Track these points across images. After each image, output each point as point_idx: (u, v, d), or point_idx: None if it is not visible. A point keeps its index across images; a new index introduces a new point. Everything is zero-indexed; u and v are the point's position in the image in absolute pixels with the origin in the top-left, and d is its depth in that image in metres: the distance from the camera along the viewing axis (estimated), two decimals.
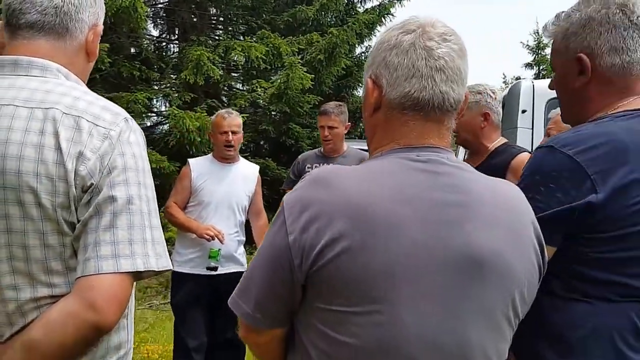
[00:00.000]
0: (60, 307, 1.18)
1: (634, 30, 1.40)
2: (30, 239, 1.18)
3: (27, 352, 1.17)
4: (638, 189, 1.28)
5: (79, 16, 1.33)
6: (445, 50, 1.15)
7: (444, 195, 1.12)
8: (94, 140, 1.19)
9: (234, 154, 3.83)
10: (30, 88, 1.23)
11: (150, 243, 1.22)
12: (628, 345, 1.31)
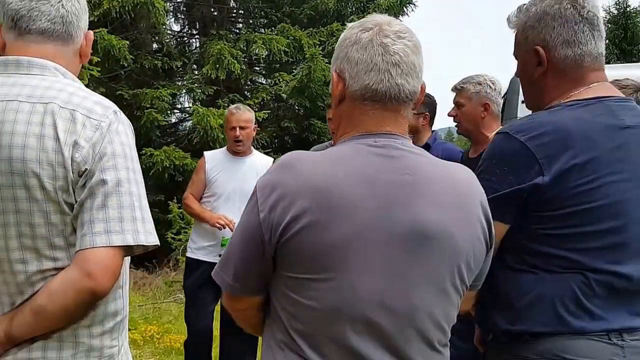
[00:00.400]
0: (61, 276, 1.35)
1: (584, 25, 1.52)
2: (35, 218, 1.34)
3: (35, 316, 1.34)
4: (579, 173, 1.41)
5: (79, 24, 1.51)
6: (400, 46, 1.28)
7: (397, 176, 1.25)
8: (87, 130, 1.36)
9: (243, 148, 3.95)
10: (32, 85, 1.39)
11: (140, 221, 1.37)
12: (569, 311, 1.44)
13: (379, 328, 1.23)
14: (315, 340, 1.25)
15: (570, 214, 1.43)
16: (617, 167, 1.44)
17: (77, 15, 1.50)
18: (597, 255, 1.43)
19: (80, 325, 1.40)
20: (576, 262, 1.44)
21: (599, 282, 1.42)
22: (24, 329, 1.35)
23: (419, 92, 1.34)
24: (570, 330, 1.43)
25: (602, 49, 1.57)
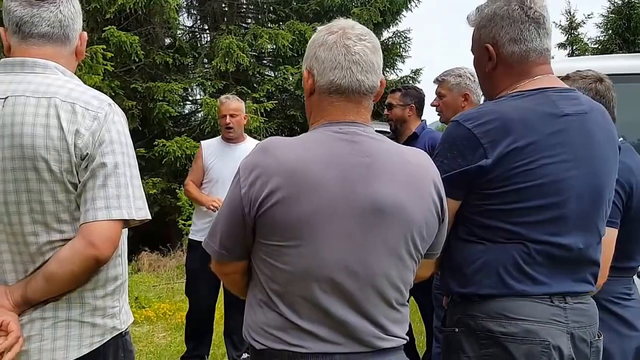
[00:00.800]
0: (69, 246, 1.54)
1: (530, 24, 1.69)
2: (44, 196, 1.53)
3: (47, 281, 1.53)
4: (518, 156, 1.59)
5: (74, 26, 1.69)
6: (360, 47, 1.48)
7: (358, 158, 1.45)
8: (87, 120, 1.55)
9: (235, 134, 4.17)
10: (36, 82, 1.57)
11: (133, 198, 1.58)
12: (511, 276, 1.63)
13: (343, 288, 1.43)
14: (289, 298, 1.45)
15: (511, 192, 1.61)
16: (556, 150, 1.61)
17: (73, 18, 1.68)
18: (536, 227, 1.62)
19: (86, 289, 1.60)
20: (517, 233, 1.63)
21: (538, 251, 1.62)
22: (37, 292, 1.55)
23: (379, 86, 1.54)
24: (513, 293, 1.63)
25: (547, 45, 1.74)
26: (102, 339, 1.63)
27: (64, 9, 1.65)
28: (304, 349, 1.44)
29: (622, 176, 2.05)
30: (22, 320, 1.56)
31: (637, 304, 2.23)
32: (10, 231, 1.55)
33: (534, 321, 1.60)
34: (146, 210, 1.63)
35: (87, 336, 1.61)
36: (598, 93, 2.18)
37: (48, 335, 1.57)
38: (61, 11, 1.65)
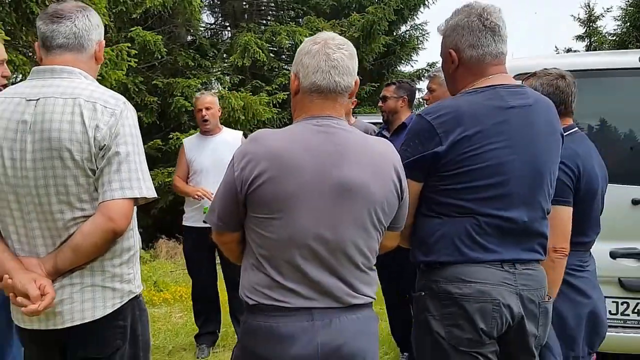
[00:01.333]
0: (90, 222, 1.81)
1: (486, 32, 1.95)
2: (68, 180, 1.80)
3: (74, 252, 1.81)
4: (467, 143, 1.85)
5: (89, 37, 1.95)
6: (338, 55, 1.76)
7: (331, 146, 1.72)
8: (105, 116, 1.82)
9: (211, 126, 4.43)
10: (63, 85, 1.85)
11: (142, 181, 1.86)
12: (465, 245, 1.89)
13: (317, 253, 1.70)
14: (274, 262, 1.73)
15: (462, 173, 1.87)
16: (500, 137, 1.86)
17: (87, 30, 1.95)
18: (484, 203, 1.87)
19: (105, 258, 1.88)
20: (468, 209, 1.89)
21: (488, 223, 1.87)
22: (66, 262, 1.83)
23: (353, 86, 1.81)
24: (468, 260, 1.88)
25: (502, 49, 1.99)
26: (122, 301, 1.93)
27: (79, 23, 1.93)
28: (288, 303, 1.71)
29: (571, 161, 2.31)
30: (56, 286, 1.84)
31: (591, 275, 2.47)
32: (40, 210, 1.82)
33: (486, 283, 1.85)
34: (153, 190, 1.92)
35: (110, 298, 1.90)
36: (559, 88, 2.41)
37: (77, 299, 1.86)
38: (75, 25, 1.93)
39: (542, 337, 1.99)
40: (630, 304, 3.41)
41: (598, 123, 3.80)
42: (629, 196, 3.39)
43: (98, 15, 2.04)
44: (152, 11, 10.02)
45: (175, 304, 6.06)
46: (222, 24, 13.03)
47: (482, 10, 1.98)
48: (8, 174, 1.81)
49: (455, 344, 1.88)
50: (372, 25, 10.34)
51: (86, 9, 2.00)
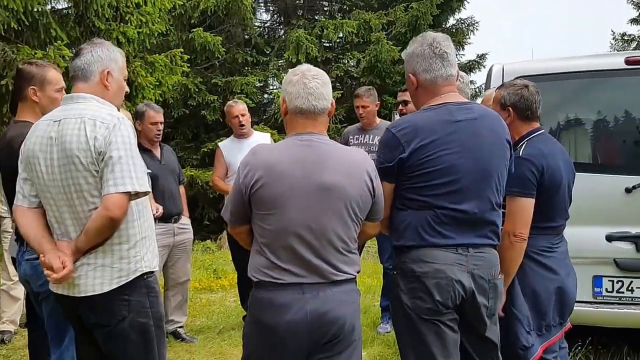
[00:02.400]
0: (96, 212, 2.23)
1: (437, 58, 2.33)
2: (81, 180, 2.23)
3: (85, 234, 2.24)
4: (424, 150, 2.25)
5: (90, 69, 2.37)
6: (314, 84, 2.19)
7: (313, 157, 2.14)
8: (101, 130, 2.22)
9: (246, 130, 4.88)
10: (77, 108, 2.30)
11: (134, 178, 2.22)
12: (426, 232, 2.29)
13: (306, 240, 2.12)
14: (272, 248, 2.16)
15: (421, 174, 2.27)
16: (451, 145, 2.27)
17: (89, 63, 2.37)
18: (441, 198, 2.28)
19: (114, 243, 2.29)
20: (428, 203, 2.29)
21: (444, 215, 2.30)
22: (82, 243, 2.25)
23: (330, 107, 2.27)
24: (428, 244, 2.31)
25: (451, 72, 2.38)
26: (127, 279, 2.31)
27: (84, 58, 2.40)
28: (283, 280, 2.18)
29: (536, 159, 2.68)
30: (75, 265, 2.28)
31: (560, 255, 2.82)
32: (67, 204, 2.28)
33: (442, 263, 2.28)
34: (145, 186, 2.29)
35: (116, 277, 2.30)
36: (523, 97, 2.78)
37: (90, 275, 2.29)
38: (81, 59, 2.40)
39: (493, 308, 2.40)
40: (624, 282, 3.70)
41: (594, 119, 4.10)
42: (623, 185, 3.67)
43: (107, 47, 2.47)
44: (208, 12, 10.73)
45: (230, 289, 6.69)
46: (276, 20, 13.63)
47: (432, 40, 2.39)
48: (44, 177, 2.30)
49: (418, 313, 2.32)
50: (417, 20, 10.67)
51: (97, 45, 2.45)
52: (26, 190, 2.37)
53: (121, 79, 2.49)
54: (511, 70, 3.92)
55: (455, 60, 2.44)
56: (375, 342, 4.56)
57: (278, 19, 13.67)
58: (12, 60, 5.20)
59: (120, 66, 2.49)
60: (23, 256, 2.76)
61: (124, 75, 2.52)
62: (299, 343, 2.18)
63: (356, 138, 4.97)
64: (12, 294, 4.91)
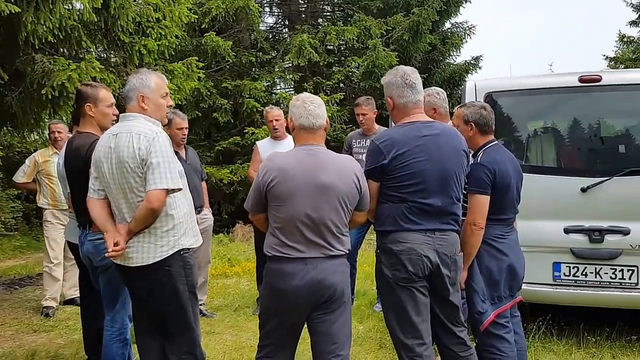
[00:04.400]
0: (141, 204, 2.91)
1: (407, 88, 3.06)
2: (131, 180, 2.92)
3: (135, 220, 2.92)
4: (400, 158, 2.96)
5: (130, 95, 3.08)
6: (312, 107, 2.93)
7: (314, 162, 2.86)
8: (144, 142, 2.90)
9: (280, 133, 5.71)
10: (128, 125, 3.00)
11: (170, 179, 2.89)
12: (401, 220, 3.01)
13: (308, 225, 2.82)
14: (283, 231, 2.88)
15: (397, 176, 2.99)
16: (419, 154, 2.98)
17: (128, 91, 3.10)
18: (412, 194, 3.01)
19: (157, 227, 2.97)
20: (403, 198, 3.03)
21: (415, 207, 3.03)
22: (133, 227, 2.96)
23: (325, 124, 3.01)
24: (403, 229, 3.04)
25: (419, 98, 3.12)
26: (167, 254, 3.00)
27: (126, 87, 3.15)
28: (290, 255, 2.86)
29: (490, 165, 3.40)
30: (128, 243, 2.99)
31: (510, 242, 3.52)
32: (123, 197, 3.00)
33: (414, 243, 3.00)
34: (177, 184, 2.96)
35: (159, 252, 2.98)
36: (481, 115, 3.50)
37: (139, 250, 2.99)
38: (125, 88, 3.17)
39: (454, 278, 3.12)
40: (579, 268, 4.43)
41: (556, 129, 4.85)
42: (579, 186, 4.39)
43: (141, 76, 3.13)
44: (218, 18, 11.47)
45: (244, 275, 7.55)
46: (281, 23, 14.35)
47: (403, 72, 3.14)
48: (107, 176, 3.02)
49: (396, 281, 3.06)
50: (418, 26, 11.41)
51: (134, 75, 3.15)
52: (96, 186, 3.11)
53: (157, 98, 3.14)
54: (482, 87, 4.67)
55: (422, 88, 3.19)
56: (371, 318, 5.40)
57: (282, 22, 14.40)
58: (50, 71, 5.88)
59: (154, 88, 3.13)
60: (86, 237, 3.50)
61: (160, 94, 3.15)
62: (302, 302, 2.89)
63: (358, 142, 5.80)
64: (54, 275, 5.74)
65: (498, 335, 3.45)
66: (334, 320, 2.94)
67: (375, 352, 4.59)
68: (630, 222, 4.31)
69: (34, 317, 5.63)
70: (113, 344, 3.48)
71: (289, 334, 3.00)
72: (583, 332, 4.67)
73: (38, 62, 5.83)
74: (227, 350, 4.61)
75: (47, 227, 5.84)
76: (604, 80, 4.46)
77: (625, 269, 4.34)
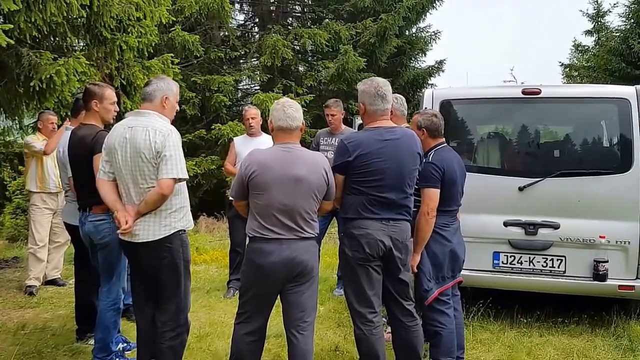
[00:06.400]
0: (153, 189, 3.42)
1: (378, 97, 3.61)
2: (144, 168, 3.42)
3: (145, 203, 3.43)
4: (362, 157, 3.54)
5: (155, 94, 3.57)
6: (290, 111, 3.47)
7: (289, 158, 3.40)
8: (159, 136, 3.41)
9: (254, 131, 6.34)
10: (143, 120, 3.50)
11: (180, 169, 3.41)
12: (362, 210, 3.60)
13: (283, 211, 3.38)
14: (262, 216, 3.39)
15: (360, 173, 3.55)
16: (380, 155, 3.56)
17: (155, 91, 3.58)
18: (372, 189, 3.61)
19: (162, 210, 3.48)
20: (364, 191, 3.59)
21: (374, 200, 3.62)
22: (142, 209, 3.44)
23: (301, 125, 3.58)
24: (363, 217, 3.63)
25: (387, 107, 3.69)
26: (169, 232, 3.51)
27: (153, 86, 3.63)
28: (268, 236, 3.38)
29: (439, 163, 4.05)
30: (136, 222, 3.48)
31: (454, 230, 4.17)
32: (133, 183, 3.47)
33: (371, 229, 3.62)
34: (185, 174, 3.49)
35: (163, 230, 3.49)
36: (433, 122, 4.16)
37: (145, 228, 3.48)
38: (151, 87, 3.64)
39: (405, 260, 3.75)
40: (516, 257, 5.15)
41: (500, 135, 5.59)
42: (517, 185, 5.10)
43: (167, 81, 3.70)
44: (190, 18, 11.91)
45: (212, 263, 8.13)
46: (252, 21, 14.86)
47: (377, 84, 3.73)
48: (120, 162, 3.48)
49: (355, 260, 3.67)
50: (385, 31, 12.14)
51: (160, 79, 3.70)
52: (107, 168, 3.59)
53: (174, 102, 3.73)
54: (439, 95, 5.36)
55: (391, 98, 3.81)
56: (331, 301, 6.08)
57: (253, 20, 14.92)
58: (37, 64, 6.32)
59: (174, 93, 3.73)
60: (87, 218, 4.03)
61: (177, 99, 3.74)
62: (277, 276, 3.45)
63: (326, 140, 6.41)
64: (38, 256, 6.21)
65: (440, 310, 4.11)
66: (303, 291, 3.52)
67: (334, 329, 5.26)
68: (560, 218, 5.05)
69: (19, 295, 6.09)
70: (108, 312, 4.03)
71: (265, 302, 3.56)
72: (517, 315, 5.39)
73: (24, 55, 6.22)
74: (202, 325, 5.19)
75: (34, 211, 6.29)
76: (543, 93, 5.17)
77: (555, 259, 5.09)
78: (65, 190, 4.71)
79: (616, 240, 4.95)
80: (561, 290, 5.16)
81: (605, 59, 15.19)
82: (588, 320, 5.35)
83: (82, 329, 4.57)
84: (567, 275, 5.06)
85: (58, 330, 4.96)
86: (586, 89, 5.95)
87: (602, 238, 4.96)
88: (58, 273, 6.53)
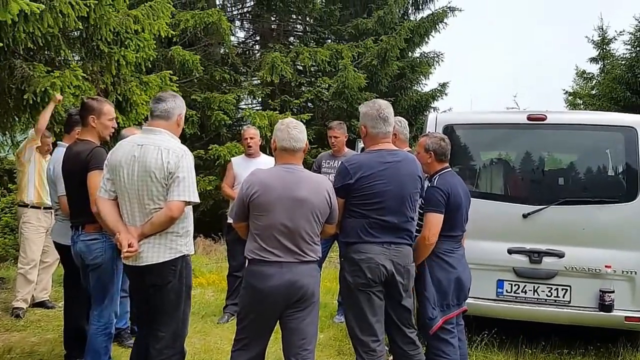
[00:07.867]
0: (161, 211, 3.36)
1: (380, 120, 3.64)
2: (153, 188, 3.35)
3: (151, 224, 3.36)
4: (364, 179, 3.57)
5: (173, 112, 3.51)
6: (294, 132, 3.48)
7: (291, 179, 3.41)
8: (173, 157, 3.36)
9: (253, 151, 6.25)
10: (154, 139, 3.42)
11: (191, 192, 3.37)
12: (363, 233, 3.59)
13: (284, 233, 3.33)
14: (262, 237, 3.36)
15: (361, 195, 3.58)
16: (382, 177, 3.59)
17: (173, 108, 3.52)
18: (373, 212, 3.61)
19: (169, 232, 3.42)
20: (364, 214, 3.61)
21: (375, 223, 3.63)
22: (147, 230, 3.37)
23: (304, 146, 3.60)
24: (363, 241, 3.62)
25: (389, 130, 3.72)
26: (175, 255, 3.47)
27: (170, 103, 3.56)
28: (268, 259, 3.34)
29: (444, 187, 4.07)
30: (141, 243, 3.40)
31: (459, 256, 4.16)
32: (138, 203, 3.41)
33: (372, 254, 3.60)
34: (197, 198, 3.46)
35: (168, 253, 3.44)
36: (440, 145, 4.17)
37: (151, 250, 3.42)
38: (167, 104, 3.56)
39: (407, 285, 3.73)
40: (520, 285, 5.12)
41: (504, 160, 5.61)
42: (521, 212, 5.09)
43: (180, 98, 3.64)
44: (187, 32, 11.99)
45: (208, 287, 8.06)
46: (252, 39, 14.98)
47: (379, 106, 3.76)
48: (125, 181, 3.41)
49: (356, 286, 3.65)
50: (386, 53, 12.27)
51: (175, 96, 3.61)
52: (108, 187, 3.52)
53: (183, 120, 3.70)
54: (442, 119, 5.39)
55: (393, 121, 3.83)
56: (331, 328, 6.02)
57: (254, 38, 15.04)
58: (30, 77, 6.25)
59: (185, 111, 3.70)
60: (79, 237, 3.97)
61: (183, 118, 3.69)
62: (277, 301, 3.40)
63: (328, 163, 6.39)
64: (28, 277, 6.10)
65: (444, 339, 4.08)
66: (304, 318, 3.48)
67: (334, 357, 5.19)
68: (565, 246, 5.03)
69: (4, 318, 5.99)
70: (98, 337, 3.95)
71: (264, 328, 3.51)
72: (521, 345, 5.34)
73: (17, 67, 6.16)
74: (197, 352, 5.13)
75: (27, 229, 6.12)
76: (548, 119, 5.20)
77: (560, 288, 5.06)
78: (55, 210, 4.65)
79: (622, 270, 4.92)
80: (566, 320, 5.12)
81: (610, 87, 15.24)
82: (594, 352, 5.30)
83: (71, 354, 4.48)
84: (572, 306, 5.02)
85: (46, 355, 4.88)
86: (592, 116, 5.96)
87: (607, 268, 4.93)
88: (47, 295, 6.44)
